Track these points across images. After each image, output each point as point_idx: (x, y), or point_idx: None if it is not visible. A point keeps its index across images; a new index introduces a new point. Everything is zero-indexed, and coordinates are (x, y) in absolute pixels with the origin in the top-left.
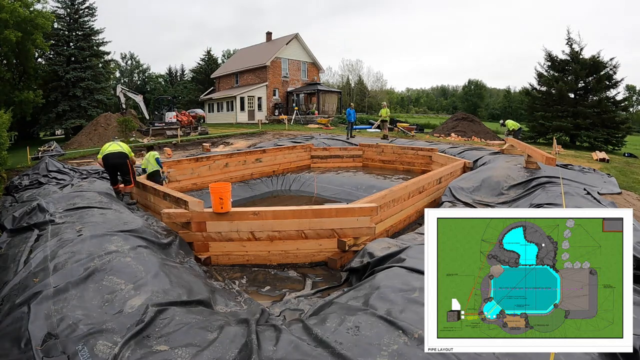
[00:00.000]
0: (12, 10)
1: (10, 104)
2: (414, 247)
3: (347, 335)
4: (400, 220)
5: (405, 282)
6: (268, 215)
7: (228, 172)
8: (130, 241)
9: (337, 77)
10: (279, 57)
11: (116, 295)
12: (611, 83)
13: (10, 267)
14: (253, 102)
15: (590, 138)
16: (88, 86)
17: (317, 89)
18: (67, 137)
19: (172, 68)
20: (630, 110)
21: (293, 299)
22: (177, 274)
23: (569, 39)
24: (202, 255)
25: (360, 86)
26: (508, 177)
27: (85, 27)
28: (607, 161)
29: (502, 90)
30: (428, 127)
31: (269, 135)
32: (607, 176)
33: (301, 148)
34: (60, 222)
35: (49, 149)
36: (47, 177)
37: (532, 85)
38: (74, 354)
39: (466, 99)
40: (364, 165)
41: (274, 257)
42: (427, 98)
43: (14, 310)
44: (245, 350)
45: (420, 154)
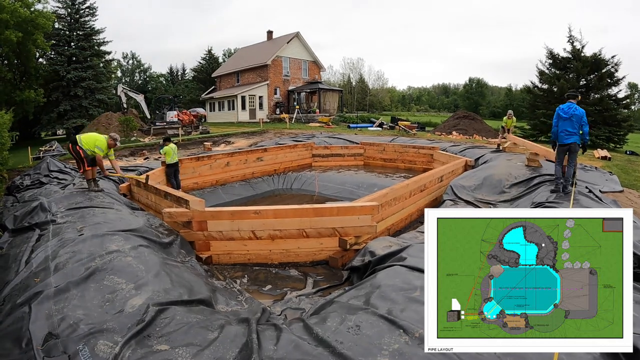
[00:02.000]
0: (13, 10)
1: (11, 104)
2: (415, 246)
3: (347, 334)
4: (402, 218)
5: (406, 281)
6: (269, 214)
7: (229, 171)
8: (131, 241)
9: (338, 76)
10: (280, 55)
11: (117, 294)
12: (613, 81)
13: (12, 267)
14: (254, 101)
15: (592, 136)
16: (89, 86)
17: (318, 88)
18: (69, 136)
19: (173, 67)
20: (632, 108)
21: (294, 298)
22: (178, 273)
23: (570, 36)
24: (204, 254)
25: (362, 85)
26: (510, 175)
27: (86, 27)
28: (608, 159)
29: (503, 88)
30: (429, 126)
31: (270, 134)
32: (609, 174)
33: (302, 147)
34: (62, 221)
35: (51, 148)
36: (49, 177)
37: (533, 83)
38: (75, 353)
39: (467, 97)
40: (366, 164)
41: (275, 256)
42: (429, 96)
43: (15, 310)
44: (245, 349)
45: (421, 152)
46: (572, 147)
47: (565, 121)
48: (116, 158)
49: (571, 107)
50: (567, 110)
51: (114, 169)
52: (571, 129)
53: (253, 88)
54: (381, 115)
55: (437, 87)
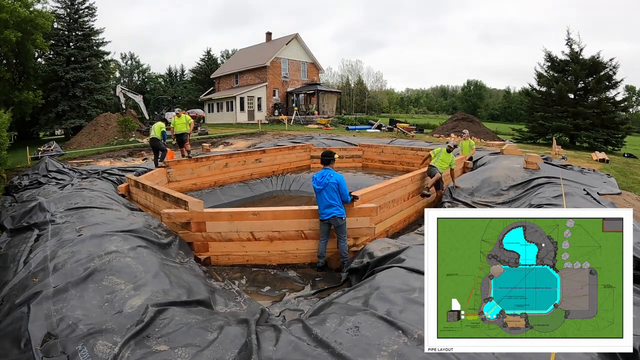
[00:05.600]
0: (12, 10)
1: (10, 104)
2: (414, 248)
3: (347, 335)
4: (400, 220)
5: (405, 282)
6: (268, 215)
7: (228, 172)
8: (130, 241)
9: (337, 78)
10: (279, 57)
11: (116, 295)
12: (611, 83)
13: (10, 267)
14: (253, 103)
15: (590, 138)
16: (88, 86)
17: (317, 89)
18: (67, 137)
19: (171, 68)
20: (630, 110)
21: (293, 299)
22: (176, 274)
23: (568, 39)
24: (202, 255)
25: (360, 86)
26: (507, 177)
27: (85, 27)
28: (606, 161)
29: (501, 90)
30: (428, 128)
31: (269, 136)
32: (606, 176)
33: (301, 148)
34: (61, 222)
35: (49, 149)
36: (47, 177)
37: (531, 85)
38: (74, 354)
39: (466, 100)
40: (364, 166)
41: (273, 257)
42: (427, 98)
43: (14, 310)
44: (245, 350)
45: (419, 154)
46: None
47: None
48: (114, 158)
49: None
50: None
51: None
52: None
53: (252, 89)
54: (379, 117)
55: (435, 89)
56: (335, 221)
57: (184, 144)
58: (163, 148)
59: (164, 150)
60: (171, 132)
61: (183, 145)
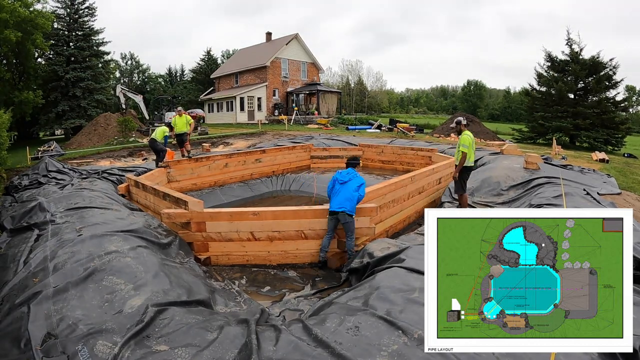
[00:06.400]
0: (12, 10)
1: (10, 104)
2: (414, 248)
3: (346, 335)
4: (400, 220)
5: (405, 282)
6: (268, 215)
7: (228, 172)
8: (130, 241)
9: (337, 78)
10: (279, 57)
11: (116, 295)
12: (611, 83)
13: (10, 267)
14: (253, 103)
15: (590, 138)
16: (88, 86)
17: (317, 89)
18: (67, 137)
19: (171, 68)
20: (630, 110)
21: (293, 299)
22: (176, 274)
23: (568, 39)
24: (202, 255)
25: (360, 86)
26: (507, 177)
27: (85, 27)
28: (606, 161)
29: (501, 90)
30: (428, 128)
31: (269, 136)
32: (606, 176)
33: (301, 148)
34: (61, 222)
35: (49, 149)
36: (47, 177)
37: (531, 85)
38: (74, 354)
39: (466, 100)
40: (364, 166)
41: (273, 257)
42: (427, 98)
43: (14, 310)
44: (245, 350)
45: (420, 154)
46: None
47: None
48: (114, 158)
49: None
50: None
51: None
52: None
53: (252, 89)
54: (379, 117)
55: (435, 89)
56: (344, 217)
57: (184, 144)
58: (162, 149)
59: (163, 150)
60: (171, 131)
61: (183, 145)
